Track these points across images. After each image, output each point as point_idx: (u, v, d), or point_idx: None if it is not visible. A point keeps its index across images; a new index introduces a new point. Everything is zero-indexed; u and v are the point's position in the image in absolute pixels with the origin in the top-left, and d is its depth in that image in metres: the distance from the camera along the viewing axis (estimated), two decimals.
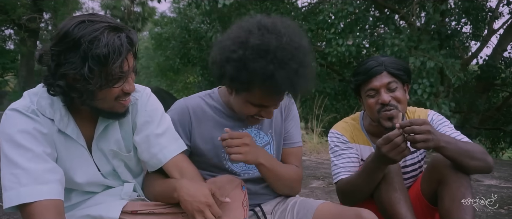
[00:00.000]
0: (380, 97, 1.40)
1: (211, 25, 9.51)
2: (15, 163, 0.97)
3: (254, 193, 1.37)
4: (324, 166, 4.43)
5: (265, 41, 1.08)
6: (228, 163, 1.34)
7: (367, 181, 1.34)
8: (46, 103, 1.06)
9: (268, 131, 1.38)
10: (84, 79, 0.95)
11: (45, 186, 0.97)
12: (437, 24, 6.87)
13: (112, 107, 1.07)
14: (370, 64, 1.42)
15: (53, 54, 0.97)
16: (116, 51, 0.95)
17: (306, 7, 9.84)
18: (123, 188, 1.20)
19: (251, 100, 1.17)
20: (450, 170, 1.28)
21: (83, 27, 0.95)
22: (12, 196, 0.95)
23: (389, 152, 1.21)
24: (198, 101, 1.34)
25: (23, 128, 1.01)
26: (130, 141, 1.21)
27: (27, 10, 14.10)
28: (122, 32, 0.99)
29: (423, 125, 1.17)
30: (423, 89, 5.84)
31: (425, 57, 5.92)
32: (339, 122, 1.64)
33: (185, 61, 14.80)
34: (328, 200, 2.78)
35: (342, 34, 6.76)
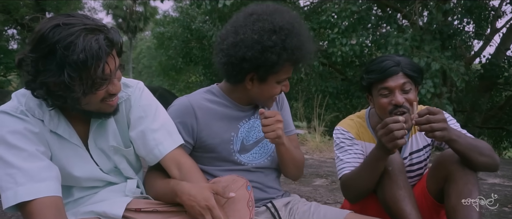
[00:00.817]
0: (394, 98, 1.38)
1: (212, 25, 9.51)
2: (10, 163, 0.96)
3: (262, 186, 1.39)
4: (327, 164, 4.43)
5: (283, 21, 1.22)
6: (237, 155, 1.36)
7: (368, 171, 1.34)
8: (34, 105, 1.04)
9: None
10: (65, 86, 0.91)
11: (42, 183, 0.96)
12: (439, 23, 6.85)
13: (99, 108, 1.05)
14: (387, 63, 1.39)
15: (32, 61, 0.92)
16: (95, 56, 0.90)
17: (308, 6, 9.82)
18: (127, 185, 1.20)
19: (278, 78, 1.28)
20: (457, 166, 1.28)
21: (58, 32, 0.90)
22: (10, 196, 0.94)
23: (382, 137, 1.22)
24: (200, 98, 1.35)
25: (13, 129, 0.99)
26: (127, 136, 1.20)
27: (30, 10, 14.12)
28: (100, 33, 0.93)
29: (438, 114, 1.18)
30: (426, 89, 5.83)
31: (429, 58, 5.90)
32: (344, 119, 1.63)
33: (187, 60, 14.81)
34: (331, 198, 2.79)
35: (346, 34, 6.75)
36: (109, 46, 0.94)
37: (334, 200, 2.74)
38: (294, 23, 1.24)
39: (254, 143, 1.40)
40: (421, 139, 1.54)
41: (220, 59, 1.28)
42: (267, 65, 1.22)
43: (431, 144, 1.56)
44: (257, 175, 1.39)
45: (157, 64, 19.08)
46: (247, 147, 1.38)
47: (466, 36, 9.15)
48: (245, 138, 1.38)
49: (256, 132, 1.40)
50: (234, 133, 1.36)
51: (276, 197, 1.43)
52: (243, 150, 1.38)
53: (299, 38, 1.24)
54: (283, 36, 1.20)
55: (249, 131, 1.39)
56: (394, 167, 1.34)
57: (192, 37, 13.73)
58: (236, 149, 1.36)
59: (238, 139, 1.36)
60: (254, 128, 1.40)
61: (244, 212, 1.14)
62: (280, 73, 1.27)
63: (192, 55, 14.51)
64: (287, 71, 1.29)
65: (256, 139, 1.40)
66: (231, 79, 1.31)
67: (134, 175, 1.23)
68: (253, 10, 1.26)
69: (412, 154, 1.54)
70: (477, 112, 9.36)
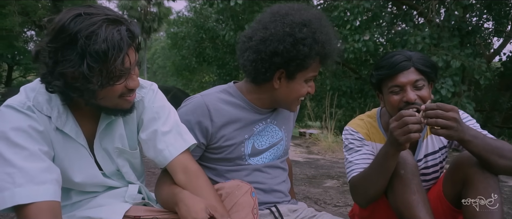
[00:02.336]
0: (405, 95, 1.29)
1: (225, 24, 9.50)
2: (10, 161, 0.92)
3: (267, 188, 1.35)
4: (339, 165, 4.34)
5: (311, 16, 1.23)
6: (246, 157, 1.33)
7: (378, 170, 1.24)
8: (43, 100, 1.00)
9: (281, 127, 1.41)
10: (84, 77, 0.89)
11: (41, 186, 0.92)
12: (457, 20, 6.65)
13: (117, 104, 1.02)
14: (397, 58, 1.31)
15: (50, 51, 0.90)
16: (116, 47, 0.88)
17: (321, 5, 9.70)
18: (128, 190, 1.16)
19: (307, 76, 1.26)
20: (476, 169, 1.18)
21: (79, 21, 0.87)
22: (7, 196, 0.90)
23: (395, 129, 1.13)
24: (216, 98, 1.30)
25: (17, 126, 0.95)
26: (135, 138, 1.17)
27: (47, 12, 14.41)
28: (122, 25, 0.91)
29: (450, 111, 1.09)
30: (446, 89, 5.66)
31: (448, 56, 5.73)
32: (354, 119, 1.55)
33: (200, 60, 14.90)
34: (341, 200, 2.70)
35: (359, 31, 6.62)
36: (130, 37, 0.92)
37: (345, 203, 2.66)
38: (321, 18, 1.25)
39: (267, 148, 1.37)
40: (436, 141, 1.45)
41: (247, 57, 1.24)
42: (299, 59, 1.20)
43: (448, 145, 1.47)
44: (263, 176, 1.35)
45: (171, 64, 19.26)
46: (259, 151, 1.36)
47: (485, 33, 8.90)
48: (258, 141, 1.35)
49: (269, 137, 1.38)
50: (248, 135, 1.33)
51: (282, 202, 1.37)
52: (255, 153, 1.35)
53: (327, 33, 1.24)
54: (313, 29, 1.20)
55: (262, 135, 1.36)
56: (407, 170, 1.24)
57: (205, 37, 13.81)
58: (247, 152, 1.33)
59: (250, 141, 1.33)
60: (268, 133, 1.38)
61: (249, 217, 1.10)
62: (309, 70, 1.24)
63: (205, 55, 14.59)
64: (315, 68, 1.26)
65: (269, 144, 1.38)
66: (259, 77, 1.25)
67: (136, 180, 1.19)
68: (280, 8, 1.26)
69: (427, 156, 1.44)
70: (497, 111, 9.11)
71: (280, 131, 1.41)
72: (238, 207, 1.10)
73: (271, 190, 1.36)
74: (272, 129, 1.39)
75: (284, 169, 1.45)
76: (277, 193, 1.37)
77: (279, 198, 1.37)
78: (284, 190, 1.40)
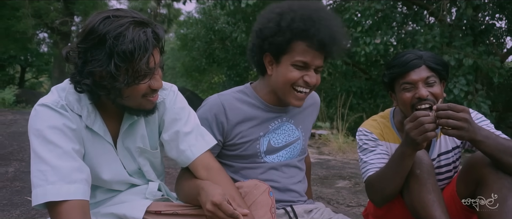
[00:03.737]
0: (417, 91, 1.32)
1: (235, 26, 9.53)
2: (44, 159, 0.96)
3: (282, 187, 1.37)
4: (350, 165, 4.33)
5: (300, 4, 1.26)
6: (262, 155, 1.36)
7: (395, 169, 1.27)
8: (73, 99, 1.05)
9: (299, 126, 1.44)
10: (111, 76, 0.94)
11: (72, 185, 0.96)
12: (469, 19, 6.57)
13: (140, 104, 1.06)
14: (408, 57, 1.35)
15: (80, 52, 0.96)
16: (142, 47, 0.93)
17: (331, 5, 9.67)
18: (148, 187, 1.20)
19: (292, 60, 1.24)
20: (490, 169, 1.19)
21: (108, 23, 0.93)
22: (39, 193, 0.94)
23: (411, 130, 1.15)
24: (232, 97, 1.35)
25: (53, 124, 1.00)
26: (156, 138, 1.21)
27: (59, 14, 14.63)
28: (147, 27, 0.96)
29: (461, 112, 1.11)
30: (459, 88, 5.59)
31: (460, 55, 5.66)
32: (367, 120, 1.58)
33: (210, 61, 14.96)
34: (354, 200, 2.71)
35: (369, 33, 6.58)
36: (155, 39, 0.97)
37: (357, 203, 2.66)
38: (311, 5, 1.27)
39: (283, 146, 1.40)
40: (450, 140, 1.46)
41: (247, 51, 1.38)
42: (270, 37, 1.24)
43: (461, 146, 1.48)
44: (279, 174, 1.38)
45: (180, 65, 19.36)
46: (275, 148, 1.39)
47: (498, 32, 8.76)
48: (273, 139, 1.38)
49: (286, 136, 1.41)
50: (263, 132, 1.36)
51: (297, 202, 1.39)
52: (270, 151, 1.38)
53: (309, 13, 1.23)
54: (290, 10, 1.24)
55: (278, 134, 1.39)
56: (423, 169, 1.26)
57: (215, 38, 13.86)
58: (263, 149, 1.37)
59: (265, 139, 1.37)
60: (284, 131, 1.41)
61: (267, 218, 1.11)
62: (293, 53, 1.24)
63: (215, 56, 14.64)
64: (303, 53, 1.23)
65: (285, 142, 1.41)
66: (254, 64, 1.35)
67: (156, 178, 1.23)
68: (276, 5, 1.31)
69: (441, 155, 1.46)
70: (510, 111, 8.94)
71: (297, 130, 1.44)
72: (256, 206, 1.12)
73: (286, 189, 1.38)
74: (289, 128, 1.42)
75: (301, 169, 1.47)
76: (292, 192, 1.39)
77: (295, 198, 1.39)
78: (299, 190, 1.41)
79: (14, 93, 8.54)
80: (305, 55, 1.23)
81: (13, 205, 2.24)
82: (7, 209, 2.16)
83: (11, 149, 3.58)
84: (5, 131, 4.39)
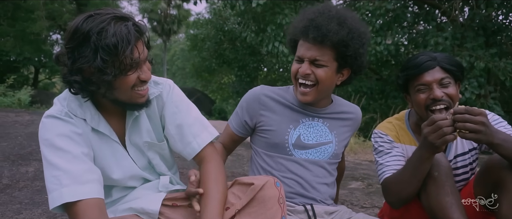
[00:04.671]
0: (432, 92, 1.34)
1: (245, 26, 9.57)
2: (55, 165, 1.01)
3: (305, 184, 1.41)
4: (363, 166, 4.33)
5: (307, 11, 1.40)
6: (290, 147, 1.43)
7: (413, 172, 1.28)
8: (75, 105, 1.10)
9: (333, 131, 1.49)
10: (99, 70, 0.98)
11: (85, 185, 1.01)
12: (482, 19, 6.49)
13: (131, 97, 1.09)
14: (422, 58, 1.37)
15: (68, 52, 1.00)
16: (125, 39, 0.97)
17: (341, 5, 9.64)
18: (160, 181, 1.23)
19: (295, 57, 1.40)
20: (508, 172, 1.20)
21: (90, 21, 0.98)
22: (56, 196, 0.99)
23: (429, 134, 1.16)
24: (273, 90, 1.50)
25: (60, 132, 1.05)
26: (160, 131, 1.25)
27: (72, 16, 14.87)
28: (128, 21, 1.01)
29: (478, 115, 1.12)
30: (471, 91, 5.54)
31: (472, 57, 5.61)
32: (382, 122, 1.59)
33: (220, 62, 15.02)
34: (368, 201, 2.72)
35: (380, 33, 6.56)
36: (138, 31, 1.02)
37: (371, 204, 2.67)
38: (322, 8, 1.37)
39: (314, 144, 1.45)
40: (466, 142, 1.47)
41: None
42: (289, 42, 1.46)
43: (478, 147, 1.48)
44: (303, 170, 1.41)
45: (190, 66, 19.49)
46: (304, 145, 1.44)
47: None
48: (304, 135, 1.44)
49: (317, 135, 1.46)
50: (293, 126, 1.44)
51: (320, 202, 1.41)
52: (299, 146, 1.43)
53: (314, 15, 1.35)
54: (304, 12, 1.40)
55: (310, 132, 1.45)
56: (441, 171, 1.27)
57: (225, 39, 13.90)
58: (291, 141, 1.43)
59: (296, 133, 1.43)
60: (316, 130, 1.46)
61: (275, 209, 1.10)
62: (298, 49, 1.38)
63: (225, 57, 14.69)
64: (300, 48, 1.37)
65: (316, 141, 1.45)
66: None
67: (167, 171, 1.27)
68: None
69: (457, 157, 1.47)
70: None
71: (331, 134, 1.48)
72: (264, 198, 1.11)
73: (310, 186, 1.40)
74: (322, 129, 1.47)
75: (330, 172, 1.47)
76: (315, 191, 1.40)
77: (317, 197, 1.40)
78: (324, 192, 1.42)
79: (29, 94, 8.71)
80: (299, 49, 1.37)
81: (35, 204, 2.31)
82: (29, 208, 2.23)
83: (30, 149, 3.67)
84: (23, 132, 4.49)
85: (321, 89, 1.37)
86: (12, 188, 2.61)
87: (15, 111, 6.73)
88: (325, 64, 1.33)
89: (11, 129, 4.68)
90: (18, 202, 2.32)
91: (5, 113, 6.13)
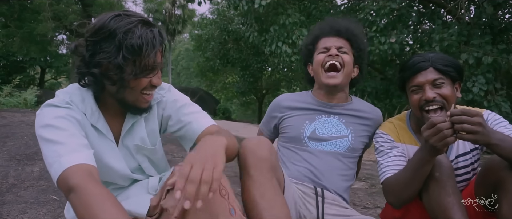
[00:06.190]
0: (424, 94, 1.36)
1: (249, 26, 9.58)
2: (54, 141, 1.00)
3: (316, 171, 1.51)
4: (366, 166, 4.32)
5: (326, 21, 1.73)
6: (305, 139, 1.57)
7: (414, 174, 1.28)
8: (77, 100, 1.12)
9: (349, 126, 1.60)
10: (117, 67, 1.01)
11: (80, 153, 0.99)
12: (489, 17, 6.43)
13: (136, 100, 1.12)
14: (416, 59, 1.39)
15: (88, 44, 1.03)
16: (150, 43, 1.02)
17: (345, 4, 9.62)
18: (149, 182, 1.23)
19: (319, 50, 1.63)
20: (509, 172, 1.19)
21: (118, 20, 1.02)
22: (57, 168, 0.96)
23: (430, 137, 1.16)
24: (289, 95, 1.72)
25: (58, 115, 1.05)
26: (156, 136, 1.26)
27: (77, 16, 14.99)
28: (154, 27, 1.06)
29: (475, 116, 1.12)
30: (479, 87, 5.48)
31: (479, 53, 5.55)
32: (384, 122, 1.60)
33: (224, 62, 15.05)
34: (370, 202, 2.71)
35: (384, 32, 6.53)
36: (161, 38, 1.07)
37: (374, 205, 2.67)
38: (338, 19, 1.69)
39: (329, 137, 1.57)
40: (467, 142, 1.46)
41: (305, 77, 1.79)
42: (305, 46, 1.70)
43: (479, 147, 1.48)
44: (318, 160, 1.52)
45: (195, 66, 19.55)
46: (320, 137, 1.57)
47: None
48: (319, 129, 1.58)
49: (333, 130, 1.59)
50: (309, 122, 1.60)
51: (331, 190, 1.49)
52: (315, 139, 1.57)
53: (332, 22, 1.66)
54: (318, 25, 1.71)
55: (326, 126, 1.60)
56: (443, 172, 1.27)
57: (229, 39, 13.93)
58: (306, 134, 1.58)
59: (311, 127, 1.59)
60: (332, 126, 1.60)
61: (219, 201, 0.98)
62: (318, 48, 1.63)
63: (229, 57, 14.72)
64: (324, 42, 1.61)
65: (331, 135, 1.58)
66: (306, 80, 1.75)
67: (156, 174, 1.28)
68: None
69: (458, 157, 1.46)
70: None
71: (346, 129, 1.60)
72: None
73: (321, 174, 1.49)
74: (337, 124, 1.61)
75: (346, 165, 1.57)
76: (326, 179, 1.49)
77: (327, 185, 1.49)
78: (335, 181, 1.51)
79: (35, 94, 8.78)
80: (326, 42, 1.61)
81: (40, 203, 2.33)
82: (34, 207, 2.26)
83: (36, 149, 3.70)
84: (29, 131, 4.53)
85: (347, 72, 1.58)
86: (18, 187, 2.64)
87: (21, 110, 6.80)
88: (347, 52, 1.59)
89: (17, 128, 4.73)
90: (24, 202, 2.35)
91: (11, 113, 6.19)
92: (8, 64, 18.61)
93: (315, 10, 8.37)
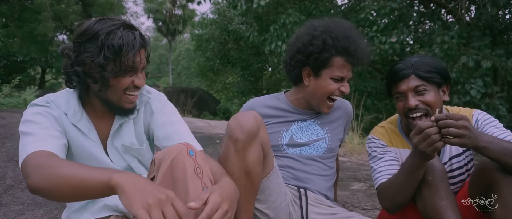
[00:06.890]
0: (407, 101, 1.36)
1: (249, 25, 9.58)
2: (28, 133, 1.07)
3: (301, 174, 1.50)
4: (365, 167, 4.31)
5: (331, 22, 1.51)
6: (284, 147, 1.55)
7: (406, 180, 1.28)
8: (62, 101, 1.19)
9: (324, 127, 1.59)
10: (99, 66, 1.07)
11: (46, 142, 1.05)
12: (489, 18, 6.42)
13: (120, 100, 1.16)
14: (398, 67, 1.39)
15: (74, 46, 1.09)
16: (130, 44, 1.07)
17: (346, 5, 9.61)
18: None
19: (332, 74, 1.47)
20: (500, 174, 1.18)
21: (102, 23, 1.08)
22: (22, 155, 1.02)
23: (419, 143, 1.15)
24: (262, 99, 1.63)
25: (36, 111, 1.14)
26: (142, 138, 1.28)
27: (78, 16, 15.00)
28: (136, 30, 1.12)
29: (460, 120, 1.11)
30: (476, 89, 5.48)
31: (478, 56, 5.54)
32: (376, 127, 1.59)
33: (224, 62, 15.06)
34: (369, 203, 2.70)
35: (385, 32, 6.52)
36: (142, 40, 1.12)
37: (373, 206, 2.66)
38: (343, 23, 1.49)
39: (307, 142, 1.56)
40: None
41: (283, 60, 1.59)
42: (316, 53, 1.44)
43: None
44: (297, 164, 1.51)
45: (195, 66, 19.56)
46: (297, 143, 1.55)
47: None
48: (297, 135, 1.56)
49: (310, 134, 1.57)
50: (286, 128, 1.57)
51: (315, 191, 1.49)
52: (293, 145, 1.55)
53: (345, 31, 1.45)
54: (330, 29, 1.46)
55: (303, 131, 1.57)
56: (435, 176, 1.26)
57: (229, 39, 13.93)
58: (284, 142, 1.55)
59: (288, 134, 1.56)
60: (309, 130, 1.58)
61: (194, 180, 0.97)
62: (333, 68, 1.46)
63: (229, 57, 14.72)
64: (341, 67, 1.46)
65: (309, 139, 1.56)
66: (291, 76, 1.56)
67: (146, 172, 1.29)
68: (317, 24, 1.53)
69: (452, 159, 1.46)
70: None
71: (322, 130, 1.59)
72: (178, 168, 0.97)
73: (304, 178, 1.49)
74: (313, 127, 1.59)
75: (326, 165, 1.56)
76: (309, 181, 1.49)
77: (311, 187, 1.49)
78: (318, 182, 1.51)
79: (35, 94, 8.77)
80: (343, 69, 1.47)
81: (37, 205, 2.33)
82: (31, 209, 2.25)
83: None
84: None
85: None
86: (15, 188, 2.64)
87: (21, 111, 6.80)
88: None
89: (16, 129, 4.73)
90: (21, 203, 2.35)
91: (10, 113, 6.19)
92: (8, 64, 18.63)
93: (315, 10, 8.36)
